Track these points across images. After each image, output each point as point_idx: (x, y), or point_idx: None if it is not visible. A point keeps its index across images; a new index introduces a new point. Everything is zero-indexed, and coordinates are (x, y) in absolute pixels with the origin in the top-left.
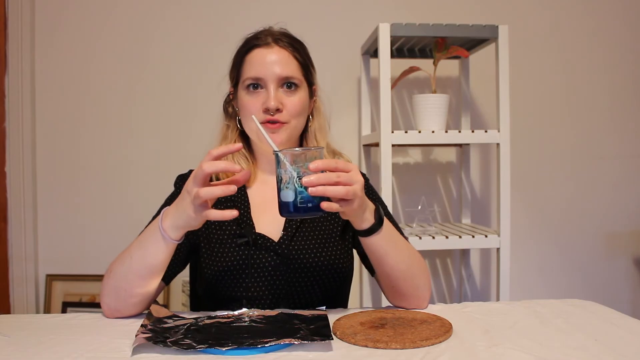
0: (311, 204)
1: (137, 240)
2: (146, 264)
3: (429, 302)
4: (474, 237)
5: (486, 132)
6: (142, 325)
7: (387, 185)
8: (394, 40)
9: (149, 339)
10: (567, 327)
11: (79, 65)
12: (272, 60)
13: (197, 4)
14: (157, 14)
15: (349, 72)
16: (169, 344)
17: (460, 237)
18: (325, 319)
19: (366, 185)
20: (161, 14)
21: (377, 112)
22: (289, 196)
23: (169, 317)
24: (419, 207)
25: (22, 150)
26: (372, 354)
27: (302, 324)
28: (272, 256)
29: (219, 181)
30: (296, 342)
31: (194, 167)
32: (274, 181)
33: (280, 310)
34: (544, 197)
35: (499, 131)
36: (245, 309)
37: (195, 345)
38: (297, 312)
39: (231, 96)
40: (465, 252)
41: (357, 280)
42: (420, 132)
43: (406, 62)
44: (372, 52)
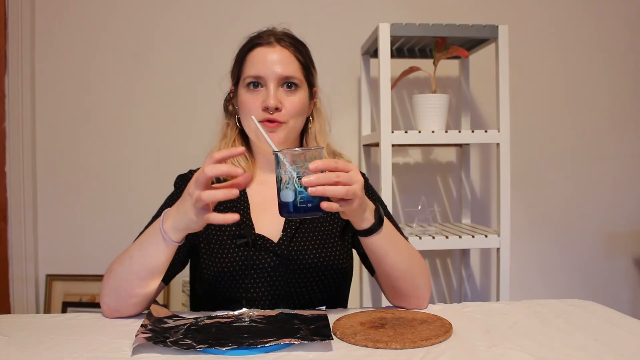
0: (311, 204)
1: (138, 240)
2: (146, 265)
3: (429, 302)
4: (474, 237)
5: (486, 132)
6: (142, 325)
7: (387, 185)
8: (394, 40)
9: (149, 339)
10: (567, 327)
11: (79, 65)
12: (273, 59)
13: (197, 4)
14: (157, 14)
15: (349, 72)
16: (169, 344)
17: (460, 237)
18: (325, 319)
19: (366, 185)
20: (161, 14)
21: (377, 112)
22: (288, 196)
23: (169, 317)
24: (419, 207)
25: (22, 150)
26: (372, 354)
27: (302, 324)
28: (272, 257)
29: (220, 183)
30: (296, 342)
31: (194, 167)
32: (273, 181)
33: (280, 310)
34: (544, 197)
35: (499, 131)
36: (245, 309)
37: (195, 345)
38: (297, 312)
39: (232, 94)
40: (465, 252)
41: (357, 280)
42: (420, 132)
43: (406, 62)
44: (372, 52)
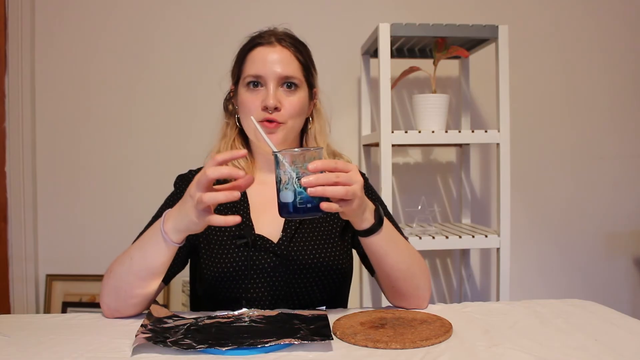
0: (310, 205)
1: (138, 241)
2: (146, 266)
3: (429, 302)
4: (474, 237)
5: (486, 132)
6: (142, 325)
7: (387, 185)
8: (394, 40)
9: (149, 339)
10: (567, 327)
11: (79, 65)
12: (273, 59)
13: (197, 4)
14: (157, 14)
15: (349, 72)
16: (169, 344)
17: (460, 237)
18: (325, 319)
19: (366, 185)
20: (161, 14)
21: (377, 112)
22: (288, 197)
23: (169, 317)
24: (419, 207)
25: (22, 150)
26: (372, 354)
27: (302, 324)
28: (272, 257)
29: (221, 185)
30: (296, 342)
31: (194, 167)
32: (272, 181)
33: (280, 310)
34: (544, 197)
35: (499, 131)
36: (245, 309)
37: (195, 345)
38: (297, 312)
39: (231, 94)
40: (465, 252)
41: (357, 280)
42: (420, 132)
43: (406, 62)
44: (372, 52)
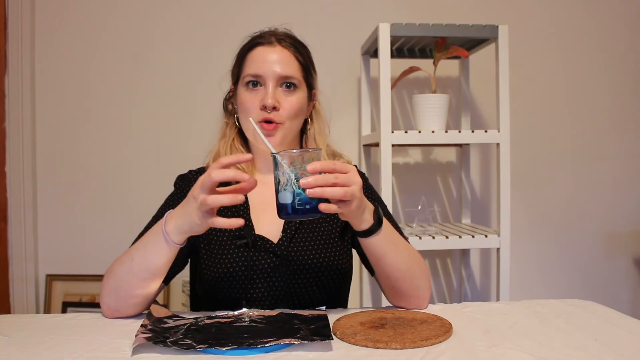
0: (309, 206)
1: (139, 241)
2: (147, 266)
3: (429, 302)
4: (474, 237)
5: (486, 132)
6: (142, 325)
7: (387, 185)
8: (394, 40)
9: (149, 339)
10: (567, 327)
11: (79, 65)
12: (273, 59)
13: (197, 4)
14: (157, 14)
15: (349, 72)
16: (169, 344)
17: (460, 237)
18: (325, 319)
19: (365, 185)
20: (161, 14)
21: (377, 112)
22: (287, 198)
23: (169, 317)
24: (419, 207)
25: (22, 150)
26: (372, 354)
27: (302, 324)
28: (272, 258)
29: (225, 187)
30: (296, 342)
31: (194, 167)
32: (272, 182)
33: (280, 310)
34: (544, 197)
35: (499, 131)
36: (245, 309)
37: (195, 345)
38: (297, 312)
39: (231, 93)
40: (465, 252)
41: (357, 280)
42: (420, 132)
43: (406, 62)
44: (372, 52)
